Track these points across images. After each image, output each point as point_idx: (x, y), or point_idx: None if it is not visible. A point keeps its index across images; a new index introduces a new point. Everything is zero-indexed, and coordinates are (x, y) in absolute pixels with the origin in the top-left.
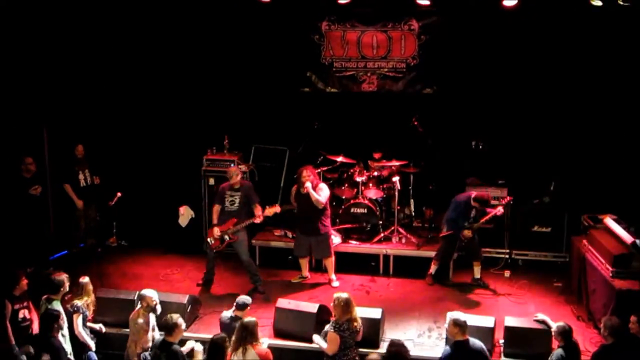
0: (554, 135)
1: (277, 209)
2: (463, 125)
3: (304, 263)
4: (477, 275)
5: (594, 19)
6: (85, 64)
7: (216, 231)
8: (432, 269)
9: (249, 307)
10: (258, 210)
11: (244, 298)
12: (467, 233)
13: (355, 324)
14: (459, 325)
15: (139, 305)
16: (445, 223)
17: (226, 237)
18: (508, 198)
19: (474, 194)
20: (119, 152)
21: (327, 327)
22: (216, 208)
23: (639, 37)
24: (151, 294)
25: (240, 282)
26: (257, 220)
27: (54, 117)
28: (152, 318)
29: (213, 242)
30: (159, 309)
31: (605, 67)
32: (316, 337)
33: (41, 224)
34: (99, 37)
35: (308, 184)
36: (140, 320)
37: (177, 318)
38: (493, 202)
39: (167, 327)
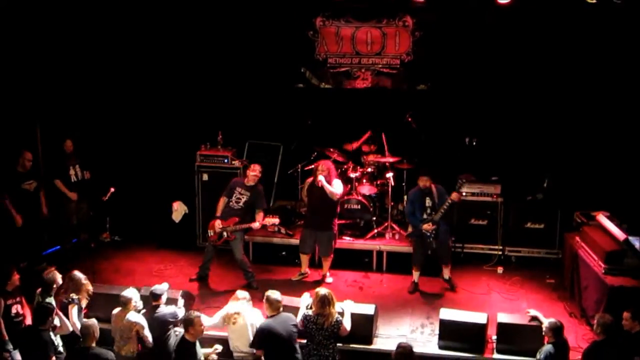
0: (547, 132)
1: (276, 220)
2: (457, 121)
3: (306, 259)
4: (446, 276)
5: (589, 16)
6: (78, 59)
7: (217, 225)
8: (415, 276)
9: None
10: (259, 216)
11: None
12: (427, 226)
13: (324, 321)
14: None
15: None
16: (407, 221)
17: (225, 233)
18: (462, 179)
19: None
20: (113, 147)
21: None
22: (223, 200)
23: (633, 34)
24: (131, 294)
25: (234, 278)
26: (255, 226)
27: (46, 112)
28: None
29: (212, 234)
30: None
31: (600, 64)
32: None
33: (34, 219)
34: (92, 32)
35: (321, 177)
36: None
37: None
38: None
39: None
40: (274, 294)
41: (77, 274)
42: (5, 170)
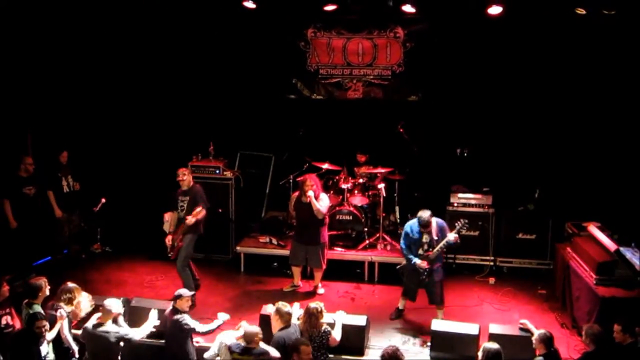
0: (538, 142)
1: (198, 214)
2: (448, 132)
3: (297, 271)
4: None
5: (578, 27)
6: (71, 69)
7: (168, 240)
8: (400, 303)
9: (185, 298)
10: (194, 212)
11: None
12: (422, 264)
13: (311, 333)
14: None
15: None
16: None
17: (175, 243)
18: (461, 222)
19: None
20: (104, 158)
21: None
22: (175, 215)
23: (623, 45)
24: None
25: (225, 288)
26: (189, 221)
27: (38, 122)
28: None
29: (171, 253)
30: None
31: (590, 75)
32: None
33: (30, 227)
34: (85, 42)
35: (311, 193)
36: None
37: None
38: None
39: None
40: (285, 306)
41: (72, 285)
42: (6, 175)
